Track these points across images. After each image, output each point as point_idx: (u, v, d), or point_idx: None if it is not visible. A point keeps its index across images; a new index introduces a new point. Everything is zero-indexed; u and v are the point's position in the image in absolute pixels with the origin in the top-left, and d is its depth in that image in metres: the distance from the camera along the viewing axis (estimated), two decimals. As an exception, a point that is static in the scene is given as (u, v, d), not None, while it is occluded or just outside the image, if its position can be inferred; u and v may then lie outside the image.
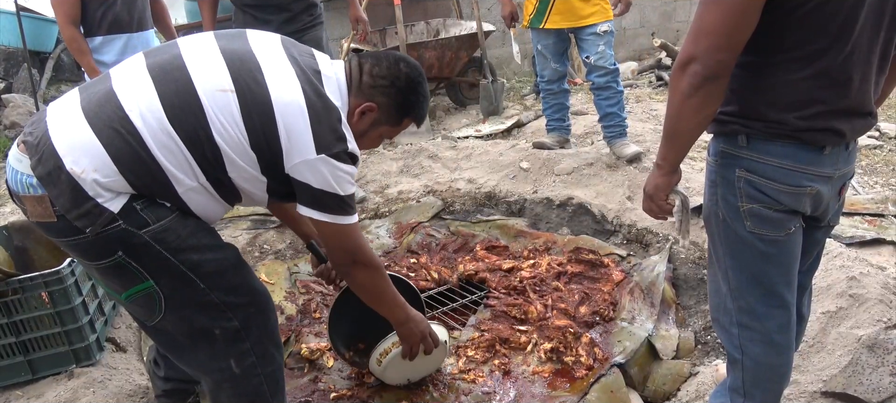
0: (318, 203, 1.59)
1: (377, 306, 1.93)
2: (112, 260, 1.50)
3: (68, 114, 1.50)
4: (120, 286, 1.57)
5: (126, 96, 1.49)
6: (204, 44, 1.60)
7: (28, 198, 1.50)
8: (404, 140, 5.07)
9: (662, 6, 8.14)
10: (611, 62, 3.73)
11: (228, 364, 1.66)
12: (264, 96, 1.52)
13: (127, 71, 1.56)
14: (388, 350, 2.08)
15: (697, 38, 1.30)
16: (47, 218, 1.49)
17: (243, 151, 1.53)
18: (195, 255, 1.56)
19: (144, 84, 1.50)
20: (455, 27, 6.16)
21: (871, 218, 3.07)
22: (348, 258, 1.73)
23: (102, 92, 1.52)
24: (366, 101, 1.70)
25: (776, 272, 1.53)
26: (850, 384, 1.99)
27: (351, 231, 1.68)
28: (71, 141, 1.45)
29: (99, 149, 1.44)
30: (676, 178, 1.53)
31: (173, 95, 1.49)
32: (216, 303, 1.61)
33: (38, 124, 1.51)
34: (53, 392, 2.15)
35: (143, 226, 1.49)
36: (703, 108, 1.36)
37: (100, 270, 1.55)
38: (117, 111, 1.47)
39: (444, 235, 3.44)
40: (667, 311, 2.67)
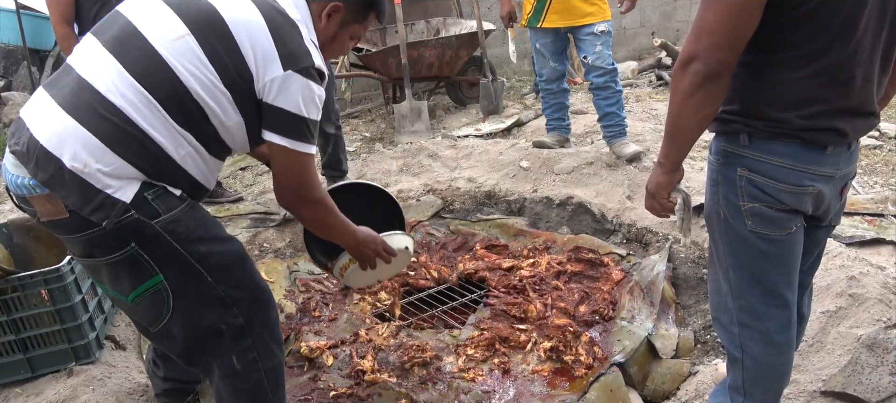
0: (284, 126, 1.55)
1: (327, 237, 1.89)
2: (124, 253, 1.49)
3: (47, 112, 1.47)
4: (129, 284, 1.55)
5: (96, 78, 1.46)
6: (147, 3, 1.56)
7: (37, 198, 1.47)
8: (404, 139, 5.07)
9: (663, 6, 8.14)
10: (609, 62, 3.73)
11: (230, 360, 1.66)
12: (220, 24, 1.49)
13: (87, 55, 1.52)
14: (346, 266, 2.07)
15: (699, 37, 1.30)
16: (59, 216, 1.47)
17: (217, 91, 1.50)
18: (203, 247, 1.55)
19: (107, 62, 1.47)
20: (455, 26, 6.16)
21: (870, 217, 3.07)
22: (297, 191, 1.67)
23: (72, 82, 1.49)
24: (330, 2, 1.66)
25: (777, 271, 1.53)
26: (849, 383, 1.99)
27: (307, 161, 1.62)
28: (61, 137, 1.43)
29: (90, 139, 1.42)
30: (678, 176, 1.53)
31: (137, 61, 1.46)
32: (222, 298, 1.60)
33: (20, 132, 1.49)
34: (53, 390, 2.15)
35: (154, 216, 1.48)
36: (704, 107, 1.36)
37: (110, 267, 1.53)
38: (94, 96, 1.45)
39: (444, 234, 3.44)
40: (666, 310, 2.67)
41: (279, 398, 1.79)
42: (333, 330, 2.66)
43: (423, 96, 6.22)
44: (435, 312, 2.83)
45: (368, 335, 2.57)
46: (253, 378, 1.70)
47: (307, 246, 2.25)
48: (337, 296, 2.91)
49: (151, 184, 1.49)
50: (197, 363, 1.72)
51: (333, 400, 2.24)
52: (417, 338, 2.56)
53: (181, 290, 1.56)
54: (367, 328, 2.63)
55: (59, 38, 3.27)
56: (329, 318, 2.74)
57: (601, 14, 3.69)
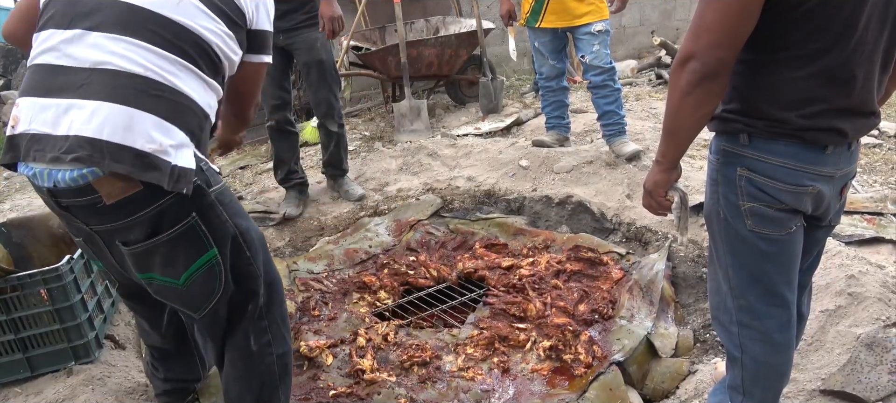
0: (265, 45, 1.72)
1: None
2: (185, 224, 1.51)
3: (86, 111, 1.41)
4: (184, 261, 1.55)
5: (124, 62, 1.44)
6: None
7: (103, 180, 1.41)
8: (403, 138, 5.07)
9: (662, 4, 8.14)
10: (606, 61, 3.73)
11: (248, 342, 1.70)
12: None
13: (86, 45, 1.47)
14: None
15: (697, 36, 1.30)
16: (131, 190, 1.44)
17: (226, 35, 1.60)
18: (243, 221, 1.63)
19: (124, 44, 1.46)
20: (454, 25, 6.15)
21: (870, 216, 3.07)
22: (256, 101, 1.86)
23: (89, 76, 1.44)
24: None
25: (776, 271, 1.53)
26: (848, 382, 1.99)
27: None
28: (126, 126, 1.40)
29: (153, 119, 1.43)
30: (676, 175, 1.53)
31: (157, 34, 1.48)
32: (256, 275, 1.67)
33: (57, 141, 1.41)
34: (52, 390, 2.15)
35: (209, 186, 1.54)
36: (701, 106, 1.36)
37: (169, 243, 1.52)
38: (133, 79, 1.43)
39: (444, 233, 3.44)
40: (666, 309, 2.67)
41: (287, 385, 1.83)
42: (333, 330, 2.66)
43: (423, 95, 6.22)
44: (434, 311, 2.83)
45: (368, 334, 2.57)
46: (265, 361, 1.74)
47: None
48: (336, 296, 2.91)
49: (199, 156, 1.55)
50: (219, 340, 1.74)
51: (333, 400, 2.24)
52: (417, 337, 2.57)
53: (228, 264, 1.61)
54: (367, 327, 2.64)
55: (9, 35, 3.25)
56: (328, 317, 2.75)
57: (599, 13, 3.69)
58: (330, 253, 3.24)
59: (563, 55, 3.99)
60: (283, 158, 3.60)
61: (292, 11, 3.26)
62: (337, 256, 3.21)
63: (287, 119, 3.48)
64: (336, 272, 3.10)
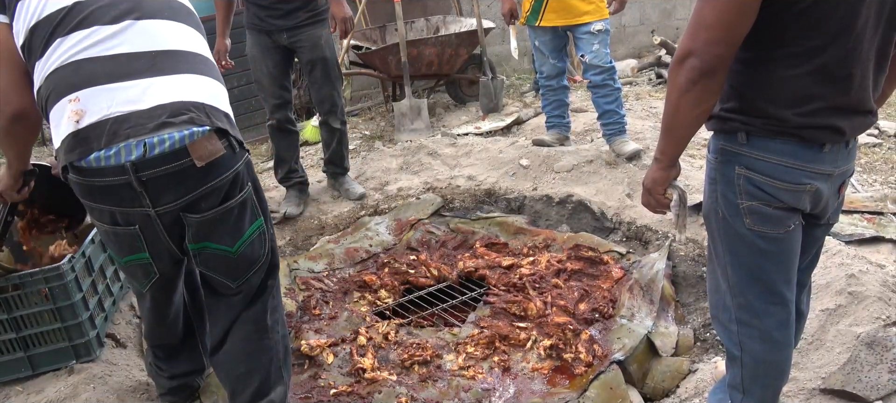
0: None
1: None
2: (245, 193, 1.68)
3: (164, 85, 1.57)
4: (240, 229, 1.69)
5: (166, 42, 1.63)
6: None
7: (197, 142, 1.54)
8: (404, 137, 5.07)
9: (662, 4, 8.14)
10: (606, 60, 3.74)
11: (265, 317, 1.81)
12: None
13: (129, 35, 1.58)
14: None
15: (696, 33, 1.30)
16: (217, 153, 1.58)
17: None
18: (263, 195, 1.80)
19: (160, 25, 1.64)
20: (455, 24, 6.15)
21: (870, 216, 3.08)
22: None
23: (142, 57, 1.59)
24: None
25: (775, 269, 1.53)
26: (848, 381, 2.00)
27: None
28: (210, 92, 1.63)
29: (217, 86, 1.67)
30: (675, 173, 1.53)
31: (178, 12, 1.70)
32: (275, 247, 1.82)
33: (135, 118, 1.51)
34: (53, 388, 2.15)
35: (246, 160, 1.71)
36: (700, 103, 1.36)
37: (237, 208, 1.67)
38: (183, 57, 1.64)
39: (444, 232, 3.44)
40: (666, 308, 2.67)
41: (288, 368, 1.92)
42: (333, 329, 2.66)
43: (423, 94, 6.22)
44: (435, 310, 2.83)
45: (368, 333, 2.58)
46: (275, 337, 1.84)
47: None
48: (337, 295, 2.91)
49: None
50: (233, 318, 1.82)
51: (334, 399, 2.25)
52: (417, 336, 2.57)
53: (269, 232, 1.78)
54: (368, 326, 2.64)
55: None
56: (329, 316, 2.75)
57: (598, 13, 3.69)
58: (330, 252, 3.24)
59: (563, 54, 3.99)
60: (283, 157, 3.60)
61: (296, 10, 3.26)
62: (337, 255, 3.22)
63: (288, 118, 3.49)
64: (337, 271, 3.10)
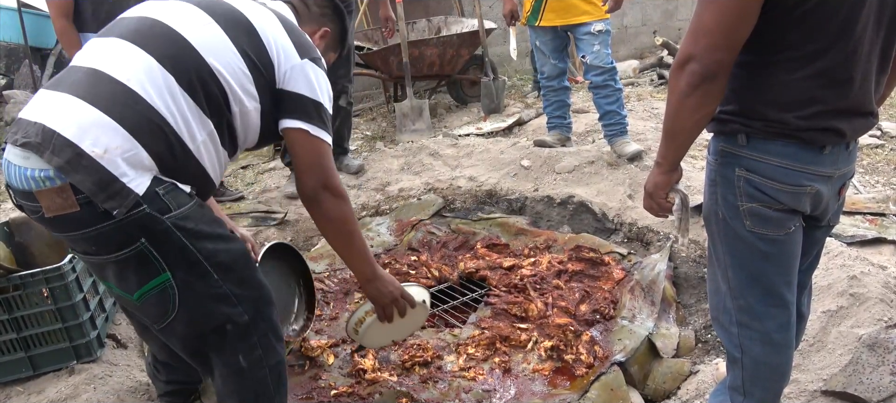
0: (303, 112, 1.64)
1: (344, 249, 1.86)
2: (133, 249, 1.48)
3: (61, 105, 1.45)
4: (135, 282, 1.54)
5: (118, 70, 1.47)
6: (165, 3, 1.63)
7: (45, 192, 1.42)
8: (405, 137, 5.07)
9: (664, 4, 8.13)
10: (607, 61, 3.73)
11: (237, 358, 1.66)
12: (243, 18, 1.61)
13: (103, 50, 1.53)
14: (362, 319, 2.04)
15: (696, 38, 1.30)
16: (69, 209, 1.43)
17: (242, 74, 1.58)
18: (210, 244, 1.56)
19: (132, 52, 1.50)
20: (456, 25, 6.15)
21: (872, 217, 3.07)
22: (321, 179, 1.69)
23: (86, 75, 1.49)
24: (320, 27, 1.87)
25: (776, 271, 1.53)
26: (850, 383, 1.99)
27: (327, 150, 1.70)
28: (80, 124, 1.41)
29: (113, 125, 1.42)
30: (676, 176, 1.53)
31: (165, 49, 1.51)
32: (228, 295, 1.60)
33: (26, 127, 1.45)
34: (54, 388, 2.16)
35: (165, 212, 1.47)
36: (701, 107, 1.36)
37: (117, 264, 1.52)
38: (114, 86, 1.46)
39: (445, 233, 3.44)
40: (667, 309, 2.67)
41: (282, 394, 1.79)
42: (334, 329, 2.66)
43: (425, 95, 6.22)
44: (436, 311, 2.83)
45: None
46: (258, 375, 1.70)
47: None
48: (338, 295, 2.91)
49: (162, 180, 1.49)
50: (200, 359, 1.72)
51: (334, 399, 2.25)
52: (418, 337, 2.57)
53: (188, 288, 1.55)
54: (368, 327, 2.64)
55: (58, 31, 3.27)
56: (330, 317, 2.75)
57: (598, 12, 3.69)
58: (332, 252, 3.24)
59: (564, 55, 3.99)
60: None
61: None
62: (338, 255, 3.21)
63: None
64: (338, 271, 3.10)
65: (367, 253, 1.89)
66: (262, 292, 1.69)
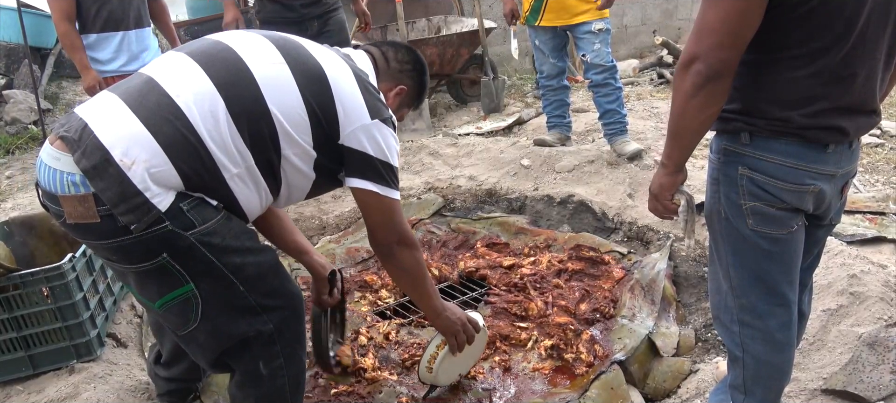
0: (373, 172, 1.62)
1: (416, 291, 1.93)
2: (155, 263, 1.46)
3: (108, 108, 1.46)
4: (156, 292, 1.53)
5: (171, 84, 1.47)
6: (244, 33, 1.63)
7: (68, 198, 1.42)
8: (405, 137, 5.07)
9: (664, 3, 8.13)
10: (607, 59, 3.74)
11: (257, 365, 1.64)
12: (317, 68, 1.58)
13: (167, 63, 1.55)
14: (435, 354, 2.07)
15: (700, 37, 1.30)
16: (89, 219, 1.42)
17: (300, 121, 1.54)
18: (238, 258, 1.54)
19: (191, 69, 1.50)
20: (456, 24, 6.15)
21: (872, 216, 3.07)
22: (395, 235, 1.73)
23: (141, 84, 1.50)
24: (397, 85, 1.82)
25: (778, 270, 1.53)
26: (850, 381, 1.99)
27: (398, 206, 1.71)
28: (117, 132, 1.41)
29: (149, 139, 1.41)
30: (682, 178, 1.52)
31: (225, 75, 1.49)
32: (253, 306, 1.58)
33: (72, 121, 1.46)
34: (54, 388, 2.16)
35: (189, 228, 1.45)
36: (706, 108, 1.35)
37: (138, 274, 1.51)
38: (163, 98, 1.45)
39: (445, 232, 3.44)
40: (667, 309, 2.67)
41: (298, 401, 1.79)
42: (334, 328, 2.65)
43: (424, 94, 6.21)
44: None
45: (369, 333, 2.57)
46: (277, 383, 1.69)
47: (320, 356, 2.18)
48: (338, 294, 2.91)
49: (187, 195, 1.47)
50: (220, 366, 1.71)
51: (334, 398, 2.24)
52: (418, 336, 2.56)
53: (211, 298, 1.54)
54: (368, 326, 2.64)
55: (61, 34, 3.28)
56: (330, 316, 2.75)
57: (598, 12, 3.69)
58: (332, 251, 3.24)
59: (563, 54, 3.99)
60: None
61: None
62: (339, 255, 3.22)
63: None
64: (337, 271, 3.10)
65: (434, 291, 1.97)
66: (290, 302, 1.68)
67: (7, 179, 4.59)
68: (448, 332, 2.03)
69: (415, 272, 1.85)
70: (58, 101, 5.94)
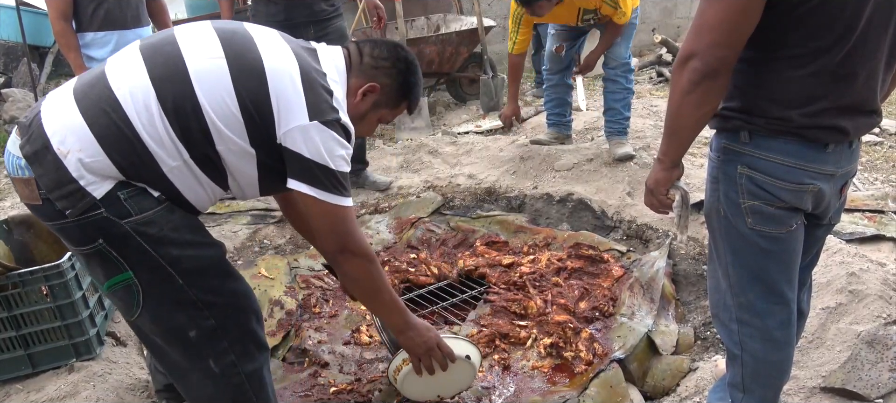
0: (309, 176, 1.54)
1: (372, 304, 1.86)
2: (93, 247, 1.51)
3: (60, 98, 1.53)
4: (102, 275, 1.58)
5: (115, 76, 1.51)
6: (198, 25, 1.63)
7: (17, 180, 1.53)
8: (404, 135, 5.07)
9: (663, 2, 8.13)
10: (625, 56, 3.71)
11: (207, 363, 1.65)
12: (256, 62, 1.53)
13: (120, 55, 1.59)
14: (400, 367, 1.97)
15: (699, 34, 1.30)
16: (34, 201, 1.51)
17: (232, 119, 1.51)
18: (175, 250, 1.55)
19: (135, 62, 1.52)
20: (455, 23, 6.15)
21: (871, 214, 3.07)
22: (338, 244, 1.64)
23: (94, 76, 1.55)
24: (368, 82, 1.72)
25: (777, 269, 1.53)
26: (849, 379, 1.99)
27: (343, 213, 1.60)
28: (59, 122, 1.48)
29: (84, 129, 1.46)
30: (677, 173, 1.53)
31: (161, 68, 1.50)
32: (193, 301, 1.59)
33: (33, 108, 1.55)
34: (53, 386, 2.16)
35: (124, 216, 1.48)
36: (702, 105, 1.36)
37: (83, 256, 1.57)
38: (104, 90, 1.49)
39: (444, 231, 3.44)
40: (666, 307, 2.67)
41: (265, 399, 1.77)
42: (334, 327, 2.66)
43: (424, 93, 6.21)
44: (435, 308, 2.83)
45: (369, 331, 2.58)
46: (233, 381, 1.69)
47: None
48: (337, 292, 2.91)
49: (127, 184, 1.50)
50: (168, 364, 1.72)
51: (334, 397, 2.25)
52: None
53: (151, 289, 1.57)
54: (368, 324, 2.64)
55: (57, 34, 3.27)
56: (329, 314, 2.75)
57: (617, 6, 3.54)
58: (331, 250, 3.24)
59: (574, 49, 3.92)
60: None
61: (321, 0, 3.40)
62: (338, 253, 3.21)
63: None
64: (337, 269, 3.10)
65: (396, 304, 1.84)
66: (234, 299, 1.67)
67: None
68: (411, 352, 1.92)
69: (365, 284, 1.75)
70: (56, 100, 5.93)
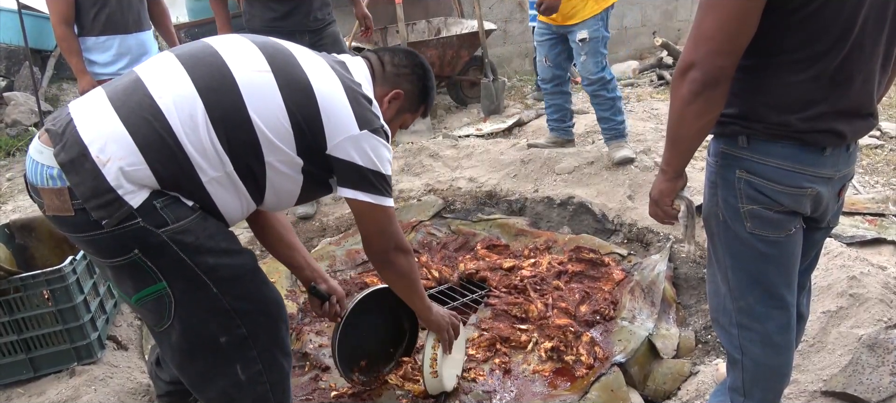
0: (365, 182, 1.62)
1: (413, 294, 1.96)
2: (127, 259, 1.49)
3: (94, 105, 1.50)
4: (132, 287, 1.55)
5: (155, 84, 1.49)
6: (234, 38, 1.63)
7: (46, 190, 1.46)
8: (405, 139, 5.08)
9: (664, 5, 8.14)
10: (594, 71, 3.66)
11: (234, 369, 1.65)
12: (303, 77, 1.57)
13: (155, 63, 1.57)
14: (434, 356, 2.11)
15: (697, 44, 1.30)
16: (64, 212, 1.46)
17: (282, 130, 1.54)
18: (211, 259, 1.54)
19: (176, 71, 1.51)
20: (456, 26, 6.16)
21: (871, 217, 3.07)
22: (391, 243, 1.75)
23: (128, 82, 1.52)
24: (393, 89, 1.80)
25: (776, 272, 1.53)
26: (850, 383, 1.99)
27: (391, 213, 1.72)
28: (97, 129, 1.44)
29: (126, 138, 1.43)
30: (681, 183, 1.53)
31: (208, 78, 1.50)
32: (226, 309, 1.59)
33: (61, 116, 1.50)
34: (55, 390, 2.16)
35: (161, 225, 1.47)
36: (703, 114, 1.36)
37: (114, 269, 1.54)
38: (145, 99, 1.47)
39: (445, 234, 3.44)
40: (667, 310, 2.67)
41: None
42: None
43: (424, 96, 6.22)
44: (436, 312, 2.83)
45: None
46: (258, 389, 1.69)
47: (339, 364, 2.14)
48: (338, 296, 2.91)
49: (162, 193, 1.48)
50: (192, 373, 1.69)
51: (335, 400, 2.25)
52: (418, 338, 2.57)
53: (184, 298, 1.55)
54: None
55: (59, 38, 3.27)
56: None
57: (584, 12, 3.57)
58: (332, 254, 3.25)
59: (560, 58, 3.89)
60: None
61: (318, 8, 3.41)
62: (339, 257, 3.22)
63: None
64: (338, 273, 3.10)
65: (424, 293, 2.02)
66: (266, 306, 1.68)
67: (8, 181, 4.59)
68: (440, 329, 2.09)
69: (411, 276, 1.88)
70: (58, 103, 5.94)
